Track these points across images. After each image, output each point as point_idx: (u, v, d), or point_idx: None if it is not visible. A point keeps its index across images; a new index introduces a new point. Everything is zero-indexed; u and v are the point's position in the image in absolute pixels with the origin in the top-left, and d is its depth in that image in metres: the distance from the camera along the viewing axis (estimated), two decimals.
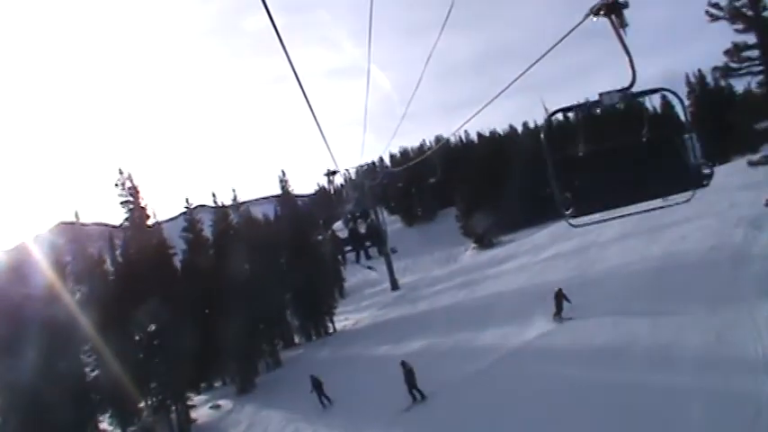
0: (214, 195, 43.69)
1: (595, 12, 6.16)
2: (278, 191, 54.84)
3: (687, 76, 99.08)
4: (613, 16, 6.15)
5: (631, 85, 6.56)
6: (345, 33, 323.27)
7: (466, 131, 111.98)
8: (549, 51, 7.26)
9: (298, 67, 6.65)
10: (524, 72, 7.89)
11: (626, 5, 6.14)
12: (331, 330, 47.80)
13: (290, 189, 50.44)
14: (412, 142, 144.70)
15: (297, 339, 48.59)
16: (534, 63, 7.60)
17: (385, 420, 21.51)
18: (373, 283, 72.18)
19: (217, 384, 41.94)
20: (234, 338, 35.74)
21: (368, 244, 35.11)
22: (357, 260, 35.23)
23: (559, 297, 23.38)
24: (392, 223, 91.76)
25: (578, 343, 20.50)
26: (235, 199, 45.26)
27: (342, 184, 56.01)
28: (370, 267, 43.52)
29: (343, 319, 50.86)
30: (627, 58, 6.41)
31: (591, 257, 31.53)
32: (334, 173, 40.87)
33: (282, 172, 50.48)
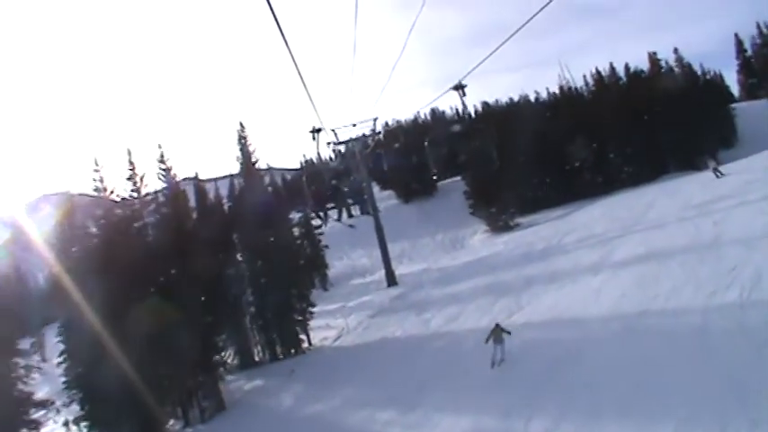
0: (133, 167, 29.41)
1: None
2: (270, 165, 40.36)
3: (737, 36, 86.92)
4: None
5: None
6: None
7: (464, 103, 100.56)
8: (522, 27, 10.40)
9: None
10: (499, 47, 10.97)
11: None
12: (306, 344, 34.65)
13: (250, 148, 36.25)
14: (406, 116, 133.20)
15: (257, 356, 35.28)
16: (508, 39, 10.56)
17: None
18: (362, 271, 59.02)
19: None
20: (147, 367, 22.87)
21: (350, 201, 34.59)
22: (339, 218, 34.43)
23: None
24: (386, 199, 78.52)
25: None
26: (163, 160, 30.96)
27: (332, 149, 45.11)
28: (351, 226, 36.58)
29: (323, 326, 37.59)
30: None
31: (739, 265, 18.32)
32: (318, 130, 32.02)
33: (241, 125, 36.15)
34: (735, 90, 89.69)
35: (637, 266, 23.01)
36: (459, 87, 17.04)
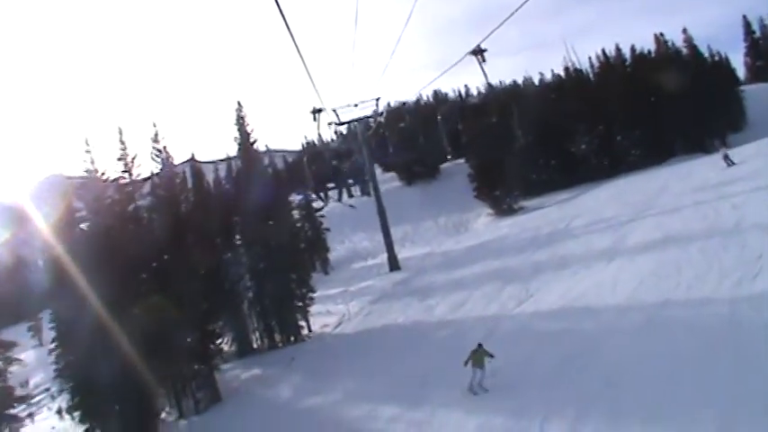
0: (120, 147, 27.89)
1: None
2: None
3: (745, 18, 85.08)
4: None
5: None
6: None
7: (466, 86, 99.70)
8: (511, 16, 10.67)
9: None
10: (496, 29, 11.72)
11: None
12: (305, 331, 33.55)
13: (248, 128, 34.96)
14: (409, 98, 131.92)
15: (256, 343, 34.18)
16: (503, 22, 11.64)
17: None
18: (364, 254, 57.78)
19: None
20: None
21: (350, 182, 34.39)
22: (339, 199, 34.41)
23: None
24: (388, 181, 77.28)
25: None
26: (157, 139, 29.52)
27: (334, 131, 43.98)
28: (351, 206, 36.40)
29: (324, 312, 36.51)
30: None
31: (766, 252, 17.15)
32: (319, 111, 31.12)
33: (239, 104, 34.77)
34: (740, 73, 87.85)
35: (654, 252, 21.90)
36: (479, 52, 14.41)
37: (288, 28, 9.04)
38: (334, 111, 38.97)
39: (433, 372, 19.10)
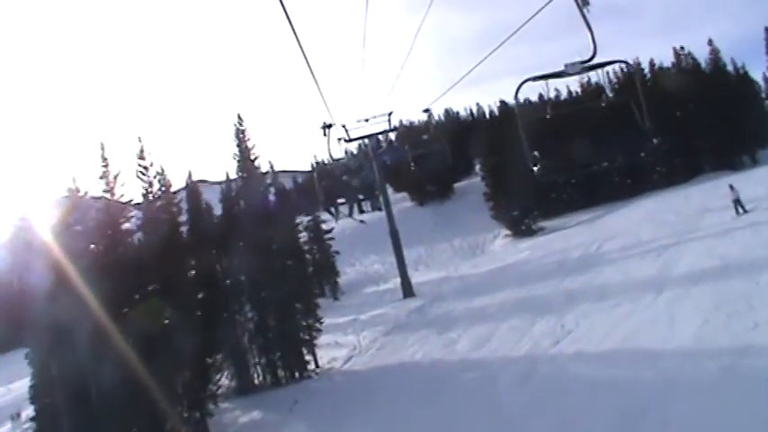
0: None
1: None
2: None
3: (767, 30, 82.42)
4: None
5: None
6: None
7: (478, 104, 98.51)
8: (516, 31, 10.00)
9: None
10: (496, 49, 10.46)
11: None
12: (311, 366, 30.57)
13: (248, 143, 32.25)
14: (419, 117, 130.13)
15: (257, 380, 31.18)
16: (506, 40, 10.14)
17: None
18: (376, 278, 55.10)
19: None
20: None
21: (361, 197, 31.89)
22: (350, 214, 31.68)
23: None
24: (399, 201, 74.76)
25: None
26: (143, 156, 26.63)
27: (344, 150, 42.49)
28: (362, 221, 36.26)
29: (332, 343, 33.58)
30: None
31: None
32: (329, 126, 29.82)
33: (239, 117, 32.24)
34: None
35: (712, 283, 18.87)
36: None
37: (297, 39, 8.34)
38: (344, 126, 36.83)
39: (465, 428, 16.02)
